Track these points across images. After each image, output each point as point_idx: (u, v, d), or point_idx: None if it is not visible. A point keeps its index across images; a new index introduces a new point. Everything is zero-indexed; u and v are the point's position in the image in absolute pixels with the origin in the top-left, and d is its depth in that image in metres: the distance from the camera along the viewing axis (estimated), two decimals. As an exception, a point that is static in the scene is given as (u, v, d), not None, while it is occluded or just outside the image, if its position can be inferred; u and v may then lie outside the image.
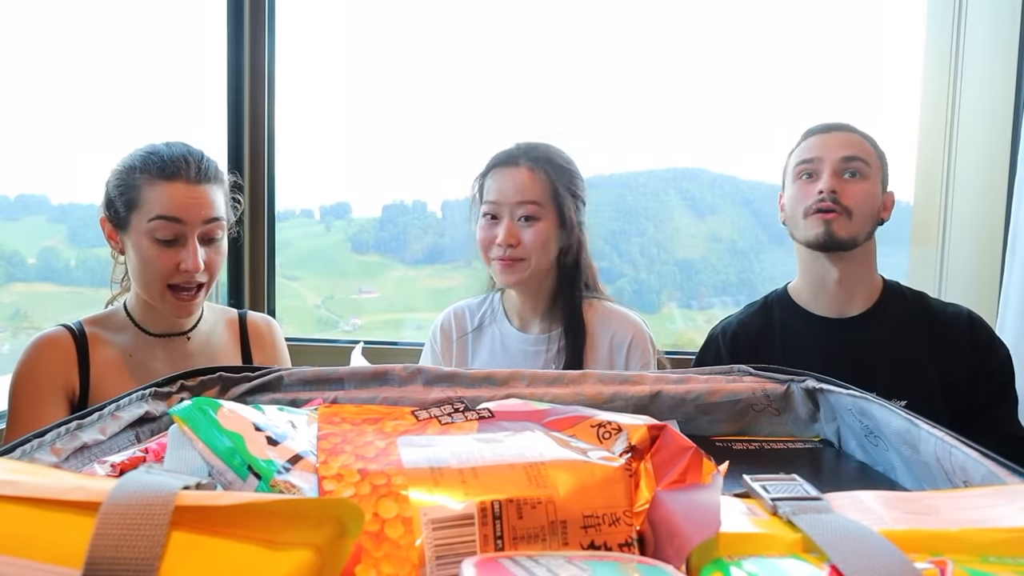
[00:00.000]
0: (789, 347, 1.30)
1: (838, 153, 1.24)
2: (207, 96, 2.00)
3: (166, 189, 1.12)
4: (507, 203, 1.31)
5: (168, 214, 1.12)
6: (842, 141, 1.26)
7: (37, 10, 1.91)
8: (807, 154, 1.27)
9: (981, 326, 1.25)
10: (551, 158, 1.33)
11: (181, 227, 1.13)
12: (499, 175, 1.33)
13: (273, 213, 2.02)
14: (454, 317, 1.48)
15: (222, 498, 0.33)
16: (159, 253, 1.13)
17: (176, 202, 1.12)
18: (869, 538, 0.35)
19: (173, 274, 1.14)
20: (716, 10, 2.14)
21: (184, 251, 1.13)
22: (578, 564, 0.37)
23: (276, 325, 1.38)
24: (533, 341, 1.40)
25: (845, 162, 1.23)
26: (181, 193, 1.12)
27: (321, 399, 0.77)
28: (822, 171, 1.24)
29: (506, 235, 1.30)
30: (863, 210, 1.23)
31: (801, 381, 0.79)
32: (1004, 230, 1.59)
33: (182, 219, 1.12)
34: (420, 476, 0.44)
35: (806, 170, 1.27)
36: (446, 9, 2.27)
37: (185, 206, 1.12)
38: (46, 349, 1.17)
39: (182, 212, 1.12)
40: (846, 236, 1.22)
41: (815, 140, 1.28)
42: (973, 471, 0.52)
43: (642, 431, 0.52)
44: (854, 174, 1.23)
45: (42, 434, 0.58)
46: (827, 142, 1.26)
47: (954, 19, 1.71)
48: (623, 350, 1.35)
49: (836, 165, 1.23)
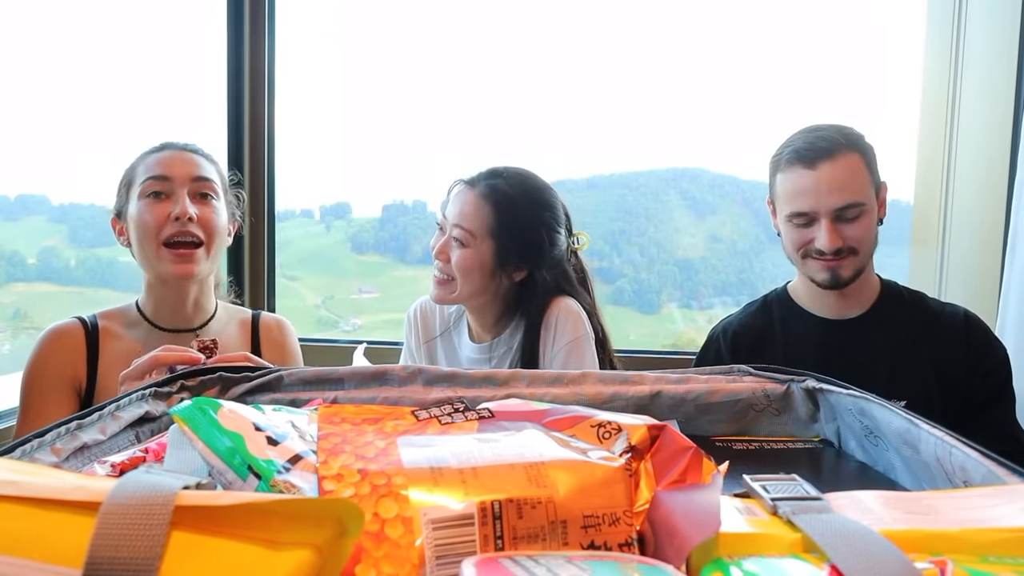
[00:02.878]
0: (789, 347, 1.30)
1: (831, 203, 1.18)
2: (207, 96, 2.00)
3: (157, 156, 1.21)
4: (449, 222, 1.32)
5: (156, 173, 1.18)
6: (832, 185, 1.18)
7: (38, 10, 1.91)
8: (797, 205, 1.21)
9: (977, 325, 1.25)
10: (510, 191, 1.29)
11: (169, 184, 1.18)
12: (456, 193, 1.34)
13: (273, 213, 2.02)
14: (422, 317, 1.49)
15: (222, 498, 0.33)
16: (149, 207, 1.17)
17: (163, 163, 1.20)
18: (869, 538, 0.35)
19: (165, 225, 1.17)
20: (716, 10, 2.14)
21: (173, 202, 1.18)
22: (578, 564, 0.37)
23: (288, 326, 1.38)
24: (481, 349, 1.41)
25: (840, 211, 1.18)
26: (168, 156, 1.21)
27: (321, 399, 0.77)
28: (817, 221, 1.20)
29: (437, 250, 1.32)
30: (866, 243, 1.22)
31: (801, 381, 0.79)
32: (1004, 230, 1.59)
33: (169, 176, 1.18)
34: (420, 476, 0.44)
35: (800, 222, 1.22)
36: (446, 9, 2.27)
37: (171, 165, 1.20)
38: (55, 340, 1.20)
39: (169, 170, 1.19)
40: (852, 274, 1.22)
41: (803, 183, 1.20)
42: (973, 471, 0.52)
43: (642, 431, 0.51)
44: (851, 218, 1.19)
45: (42, 434, 0.58)
46: (817, 188, 1.18)
47: (954, 19, 1.71)
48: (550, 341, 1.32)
49: (831, 215, 1.18)
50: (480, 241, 1.29)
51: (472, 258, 1.29)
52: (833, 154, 1.19)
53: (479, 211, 1.29)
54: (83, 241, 2.21)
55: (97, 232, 1.27)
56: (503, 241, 1.29)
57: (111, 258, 2.11)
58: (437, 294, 1.34)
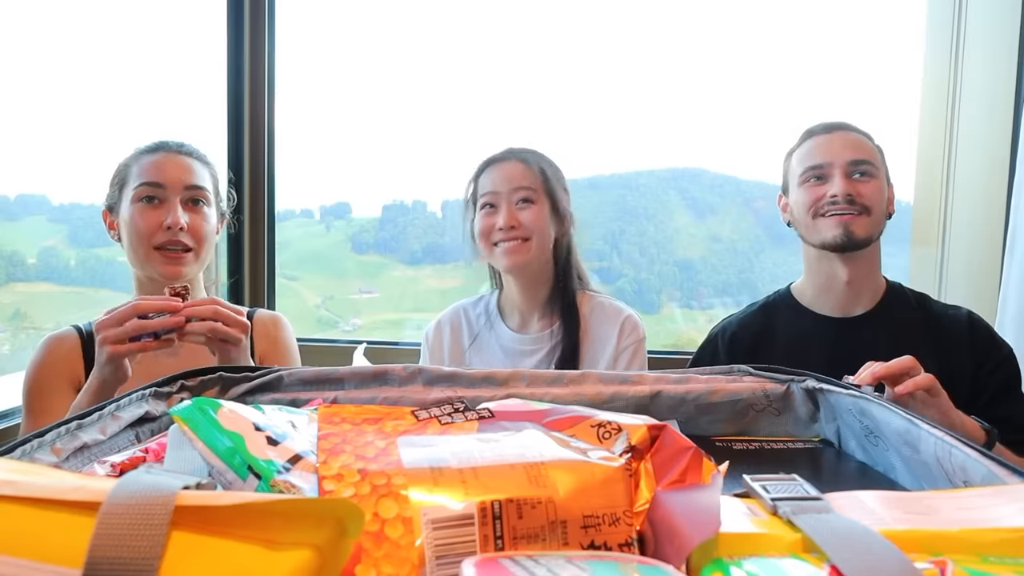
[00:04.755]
0: (790, 346, 1.30)
1: (846, 156, 1.23)
2: (207, 96, 2.00)
3: (150, 159, 1.22)
4: (503, 191, 1.36)
5: (150, 179, 1.20)
6: (846, 143, 1.25)
7: (38, 10, 1.91)
8: (813, 159, 1.27)
9: (981, 326, 1.26)
10: (537, 153, 1.41)
11: (163, 191, 1.20)
12: (492, 170, 1.40)
13: (273, 213, 2.02)
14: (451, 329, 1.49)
15: (222, 498, 0.33)
16: (142, 213, 1.19)
17: (157, 167, 1.21)
18: (869, 538, 0.35)
19: (156, 232, 1.19)
20: (716, 10, 2.14)
21: (165, 210, 1.19)
22: (578, 564, 0.36)
23: (284, 321, 1.38)
24: (529, 340, 1.42)
25: (854, 165, 1.23)
26: (162, 160, 1.22)
27: (321, 399, 0.77)
28: (832, 175, 1.24)
29: (507, 218, 1.35)
30: (877, 208, 1.24)
31: (801, 381, 0.79)
32: (1004, 230, 1.59)
33: (163, 183, 1.20)
34: (420, 476, 0.44)
35: (814, 174, 1.26)
36: (446, 9, 2.27)
37: (165, 170, 1.21)
38: (53, 346, 1.22)
39: (162, 176, 1.20)
40: (864, 235, 1.23)
41: (818, 142, 1.27)
42: (973, 471, 0.52)
43: (642, 431, 0.51)
44: (864, 174, 1.23)
45: (42, 434, 0.58)
46: (831, 145, 1.26)
47: (954, 19, 1.71)
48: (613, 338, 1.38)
49: (846, 168, 1.23)
50: (540, 195, 1.37)
51: (541, 212, 1.37)
52: (851, 130, 1.27)
53: (529, 171, 1.37)
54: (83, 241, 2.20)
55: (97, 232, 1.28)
56: (553, 193, 1.38)
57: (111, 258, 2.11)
58: (515, 258, 1.36)
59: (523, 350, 1.41)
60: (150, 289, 1.24)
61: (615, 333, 1.38)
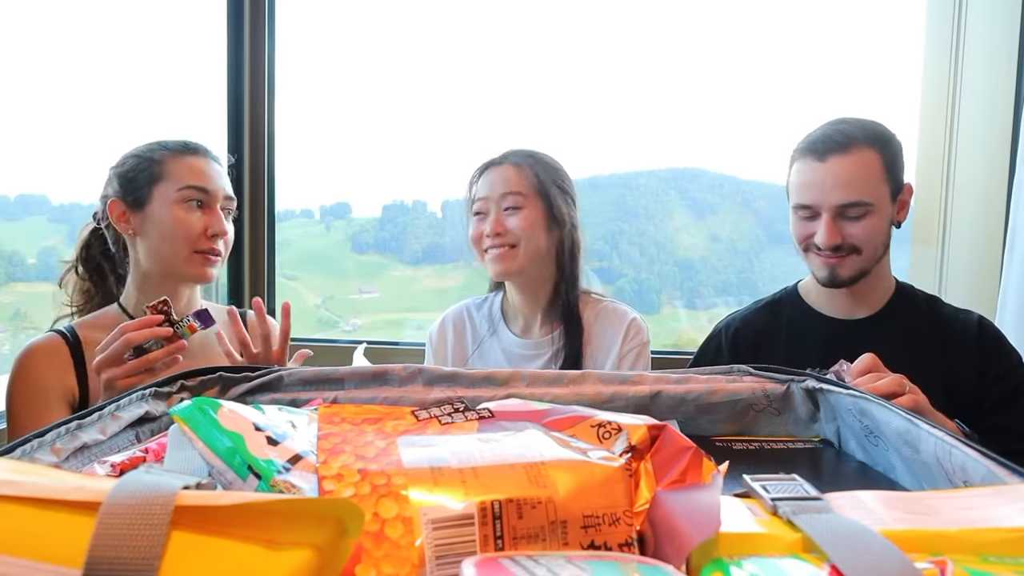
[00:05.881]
0: (793, 345, 1.30)
1: (834, 199, 1.15)
2: (207, 96, 2.00)
3: (194, 161, 1.23)
4: (493, 197, 1.36)
5: (198, 184, 1.21)
6: (837, 180, 1.15)
7: (38, 10, 1.91)
8: (801, 197, 1.20)
9: (990, 331, 1.23)
10: (535, 155, 1.39)
11: (208, 196, 1.22)
12: (486, 175, 1.39)
13: (273, 213, 2.02)
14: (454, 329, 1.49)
15: (222, 498, 0.33)
16: (188, 217, 1.21)
17: (205, 173, 1.23)
18: (869, 538, 0.35)
19: (200, 239, 1.21)
20: (716, 10, 2.14)
21: (211, 217, 1.22)
22: (578, 564, 0.36)
23: None
24: (532, 345, 1.41)
25: (843, 208, 1.16)
26: (206, 166, 1.24)
27: (321, 399, 0.77)
28: (820, 216, 1.18)
29: (493, 225, 1.35)
30: (871, 244, 1.18)
31: (801, 381, 0.79)
32: (1004, 229, 1.59)
33: (209, 189, 1.22)
34: (420, 476, 0.44)
35: (804, 214, 1.21)
36: (446, 9, 2.27)
37: (210, 177, 1.23)
38: (36, 357, 1.17)
39: (209, 183, 1.23)
40: (851, 275, 1.19)
41: (810, 176, 1.18)
42: (973, 471, 0.52)
43: (642, 431, 0.51)
44: (855, 216, 1.16)
45: (42, 434, 0.58)
46: (823, 183, 1.16)
47: (954, 19, 1.71)
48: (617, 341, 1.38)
49: (834, 212, 1.16)
50: (531, 199, 1.35)
51: (530, 216, 1.35)
52: (846, 148, 1.16)
53: (521, 175, 1.36)
54: (83, 241, 2.20)
55: (98, 233, 1.28)
56: (548, 196, 1.36)
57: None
58: (502, 267, 1.36)
59: (526, 355, 1.41)
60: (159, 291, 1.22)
61: (619, 336, 1.38)
